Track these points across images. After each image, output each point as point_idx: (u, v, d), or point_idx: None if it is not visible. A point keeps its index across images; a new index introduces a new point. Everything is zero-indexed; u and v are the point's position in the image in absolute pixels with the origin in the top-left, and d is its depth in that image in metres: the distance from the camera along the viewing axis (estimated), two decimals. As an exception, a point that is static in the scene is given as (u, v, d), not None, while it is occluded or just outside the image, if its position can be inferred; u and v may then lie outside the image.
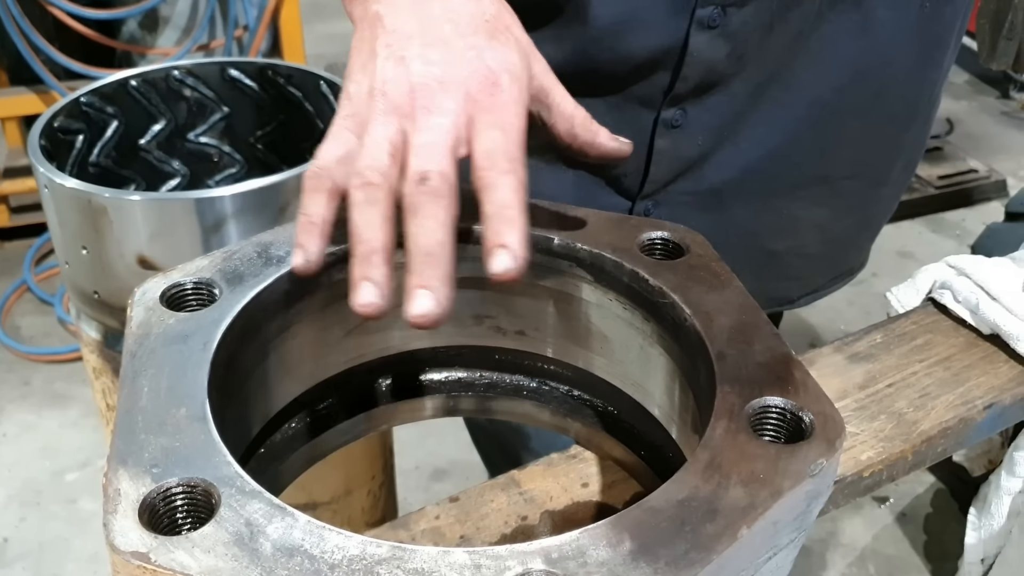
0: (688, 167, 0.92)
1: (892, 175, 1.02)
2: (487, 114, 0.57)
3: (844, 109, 0.92)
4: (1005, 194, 3.49)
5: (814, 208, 0.99)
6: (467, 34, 0.59)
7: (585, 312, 0.69)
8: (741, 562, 0.47)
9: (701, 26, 0.83)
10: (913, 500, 2.25)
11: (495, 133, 0.56)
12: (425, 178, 0.54)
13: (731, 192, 0.94)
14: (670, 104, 0.89)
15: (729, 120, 0.90)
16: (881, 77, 0.91)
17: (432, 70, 0.58)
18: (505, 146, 0.56)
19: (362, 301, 0.54)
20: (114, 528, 0.45)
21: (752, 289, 0.62)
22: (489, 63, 0.58)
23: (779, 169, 0.93)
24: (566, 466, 0.75)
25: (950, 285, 0.88)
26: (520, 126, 0.58)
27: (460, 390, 0.76)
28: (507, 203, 0.54)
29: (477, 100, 0.57)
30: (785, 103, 0.90)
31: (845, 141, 0.95)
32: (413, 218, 0.54)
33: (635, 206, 0.95)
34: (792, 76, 0.88)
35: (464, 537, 0.70)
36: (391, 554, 0.44)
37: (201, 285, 0.61)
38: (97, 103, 1.33)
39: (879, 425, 0.76)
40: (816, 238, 1.03)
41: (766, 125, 0.90)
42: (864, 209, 1.04)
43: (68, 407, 2.51)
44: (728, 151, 0.92)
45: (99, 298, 1.16)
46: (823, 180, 0.97)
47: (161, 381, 0.54)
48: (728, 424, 0.51)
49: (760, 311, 0.60)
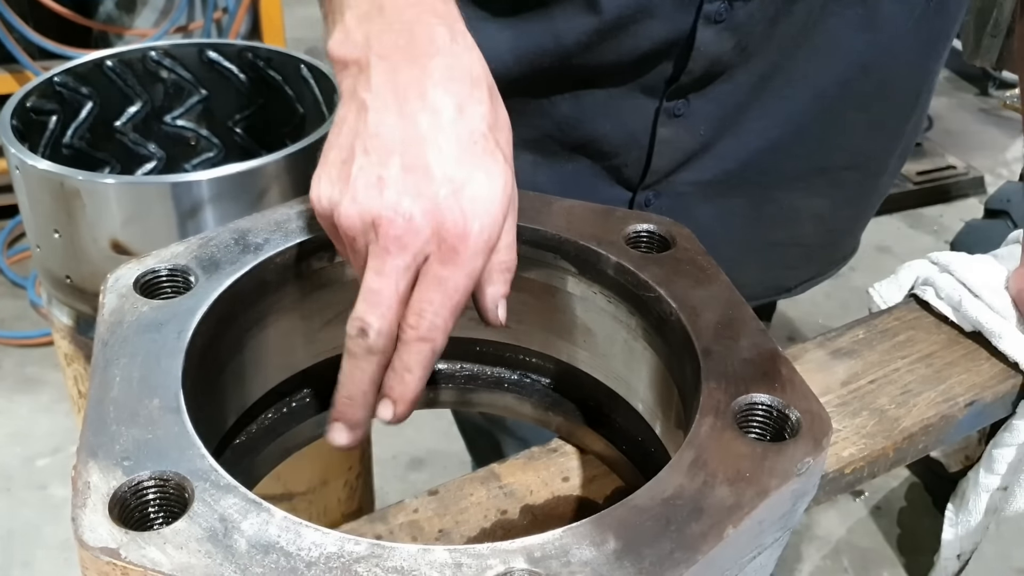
0: (689, 157, 0.92)
1: (890, 165, 1.02)
2: (440, 266, 0.55)
3: (847, 102, 0.91)
4: (983, 191, 3.51)
5: (814, 199, 0.98)
6: (450, 160, 0.55)
7: (569, 305, 0.68)
8: (726, 562, 0.46)
9: (708, 20, 0.82)
10: (888, 494, 2.27)
11: (436, 295, 0.55)
12: (364, 332, 0.55)
13: (732, 183, 0.93)
14: (673, 94, 0.88)
15: (732, 110, 0.89)
16: (885, 70, 0.90)
17: (404, 204, 0.54)
18: (437, 312, 0.55)
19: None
20: (83, 523, 0.43)
21: (751, 279, 0.61)
22: (465, 207, 0.54)
23: (781, 160, 0.93)
24: (547, 460, 0.74)
25: (933, 282, 0.88)
26: (465, 289, 0.55)
27: (440, 382, 0.75)
28: (411, 367, 0.56)
29: (439, 245, 0.55)
30: (788, 95, 0.89)
31: (847, 133, 0.94)
32: (347, 359, 0.57)
33: (636, 197, 0.95)
34: (796, 68, 0.87)
35: (443, 531, 0.69)
36: (370, 552, 0.43)
37: (176, 272, 0.60)
38: (71, 83, 1.30)
39: (861, 422, 0.76)
40: (815, 228, 1.02)
41: (769, 117, 0.90)
42: (861, 198, 1.04)
43: (40, 392, 2.48)
44: (730, 142, 0.91)
45: (71, 283, 1.14)
46: (824, 171, 0.96)
47: (134, 371, 0.52)
48: (714, 421, 0.51)
49: (746, 306, 0.59)
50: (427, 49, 0.56)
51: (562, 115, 0.90)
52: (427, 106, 0.55)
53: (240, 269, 0.60)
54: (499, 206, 0.56)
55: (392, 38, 0.57)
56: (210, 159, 1.47)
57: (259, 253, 0.61)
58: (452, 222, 0.54)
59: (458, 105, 0.56)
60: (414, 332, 0.55)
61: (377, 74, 0.56)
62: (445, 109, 0.55)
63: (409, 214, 0.54)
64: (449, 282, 0.55)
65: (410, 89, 0.56)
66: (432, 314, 0.55)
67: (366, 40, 0.57)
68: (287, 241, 0.63)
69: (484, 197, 0.55)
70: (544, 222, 0.65)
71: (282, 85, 1.39)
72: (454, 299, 0.55)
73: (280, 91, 1.39)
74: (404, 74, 0.56)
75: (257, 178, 1.09)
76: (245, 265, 0.60)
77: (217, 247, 0.62)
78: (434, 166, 0.55)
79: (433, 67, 0.56)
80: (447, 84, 0.56)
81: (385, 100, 0.56)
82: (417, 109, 0.55)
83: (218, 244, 0.62)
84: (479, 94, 0.57)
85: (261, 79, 1.40)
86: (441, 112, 0.55)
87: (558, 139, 0.92)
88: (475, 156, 0.56)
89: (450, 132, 0.55)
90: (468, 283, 0.56)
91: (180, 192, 1.05)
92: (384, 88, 0.56)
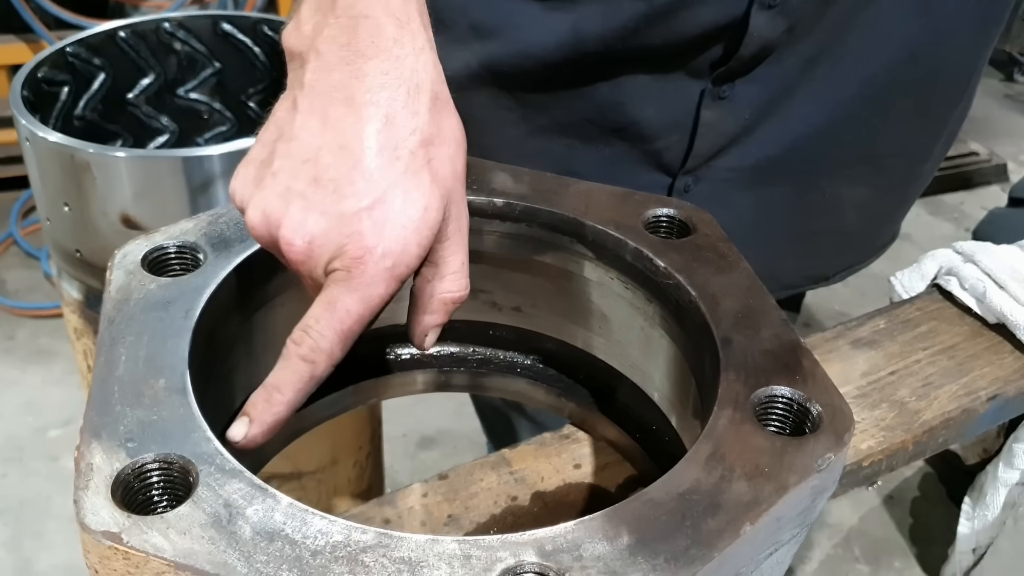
0: (732, 142, 0.89)
1: (934, 152, 0.99)
2: (335, 285, 0.52)
3: (895, 88, 0.88)
4: (1005, 178, 3.46)
5: (857, 187, 0.96)
6: (365, 176, 0.51)
7: (585, 290, 0.66)
8: (742, 559, 0.45)
9: (762, 5, 0.80)
10: (901, 483, 2.25)
11: (324, 314, 0.52)
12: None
13: (775, 169, 0.91)
14: (720, 78, 0.85)
15: (778, 94, 0.87)
16: (936, 56, 0.88)
17: (306, 225, 0.51)
18: (323, 333, 0.52)
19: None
20: (85, 505, 0.42)
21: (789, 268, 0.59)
22: (368, 228, 0.50)
23: (825, 147, 0.90)
24: (558, 446, 0.73)
25: (957, 272, 0.86)
26: (359, 316, 0.52)
27: (452, 365, 0.74)
28: (281, 386, 0.53)
29: (340, 265, 0.52)
30: (835, 80, 0.86)
31: (893, 120, 0.92)
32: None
33: (675, 182, 0.92)
34: (844, 52, 0.85)
35: (452, 516, 0.68)
36: (377, 541, 0.42)
37: (185, 249, 0.59)
38: (83, 54, 1.29)
39: (880, 414, 0.75)
40: (857, 216, 1.00)
41: (815, 102, 0.87)
42: (904, 185, 1.01)
43: (52, 363, 2.49)
44: (774, 127, 0.89)
45: (81, 257, 1.13)
46: (868, 159, 0.94)
47: (140, 350, 0.51)
48: (732, 414, 0.49)
49: (768, 295, 0.57)
50: (366, 49, 0.52)
51: (603, 99, 0.88)
52: (352, 113, 0.51)
53: (250, 247, 0.59)
54: (411, 231, 0.51)
55: (334, 33, 0.52)
56: (223, 133, 1.46)
57: (269, 231, 0.60)
58: (353, 244, 0.51)
59: (387, 116, 0.51)
60: (296, 348, 0.52)
61: (312, 71, 0.53)
62: (371, 119, 0.51)
63: (309, 236, 0.51)
64: (339, 304, 0.51)
65: (338, 92, 0.51)
66: (317, 334, 0.52)
67: (313, 32, 0.53)
68: (298, 219, 0.61)
69: (394, 220, 0.51)
70: (561, 205, 0.64)
71: (297, 60, 1.37)
72: (344, 324, 0.52)
73: (295, 66, 1.37)
74: (336, 75, 0.52)
75: (270, 154, 1.07)
76: (255, 243, 0.59)
77: (227, 224, 0.61)
78: (346, 181, 0.51)
79: (368, 70, 0.51)
80: (378, 91, 0.51)
81: (313, 102, 0.52)
82: (342, 115, 0.51)
83: (228, 221, 0.61)
84: (415, 105, 0.52)
85: (275, 53, 1.38)
86: (366, 121, 0.51)
87: (597, 123, 0.89)
88: (395, 173, 0.51)
89: (371, 144, 0.51)
90: (362, 310, 0.52)
91: (191, 167, 1.03)
92: (315, 88, 0.52)
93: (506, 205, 0.64)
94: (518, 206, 0.64)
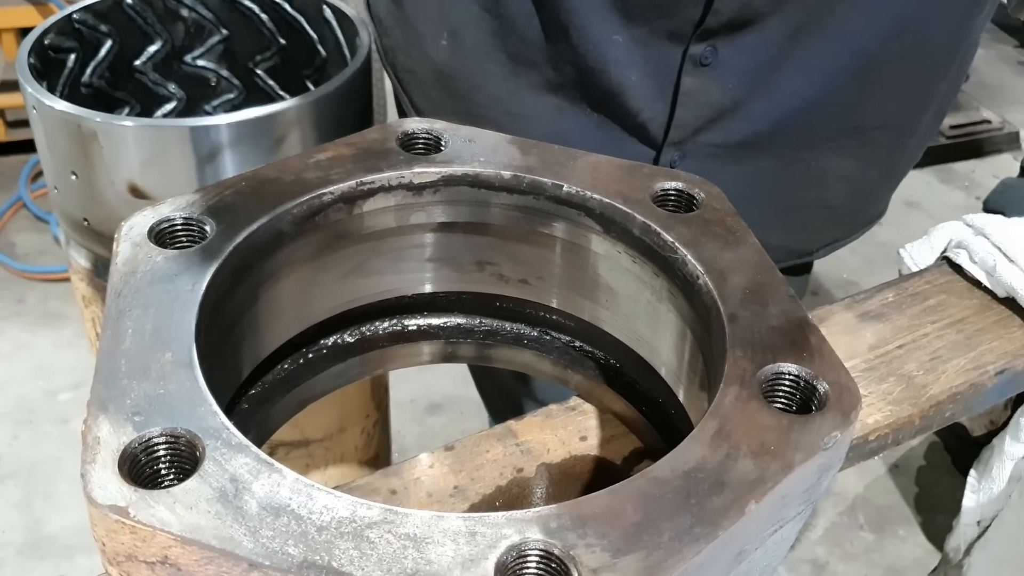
0: (718, 115, 0.88)
1: (921, 125, 0.99)
2: None
3: (884, 59, 0.87)
4: (1017, 147, 3.43)
5: (843, 159, 0.95)
6: None
7: (592, 263, 0.66)
8: (747, 536, 0.45)
9: None
10: (907, 452, 2.26)
11: None
12: None
13: (762, 145, 0.90)
14: (699, 39, 0.84)
15: (764, 66, 0.86)
16: (926, 25, 0.87)
17: None
18: None
19: None
20: (92, 479, 0.43)
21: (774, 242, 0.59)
22: None
23: (813, 120, 0.90)
24: (564, 418, 0.73)
25: (967, 245, 0.86)
26: None
27: (459, 336, 0.74)
28: None
29: None
30: (824, 51, 0.85)
31: (880, 91, 0.91)
32: None
33: (660, 156, 0.92)
34: (833, 22, 0.84)
35: (458, 488, 0.69)
36: (382, 517, 0.42)
37: (192, 221, 0.58)
38: (90, 21, 1.28)
39: (888, 387, 0.74)
40: (842, 189, 1.00)
41: (804, 74, 0.86)
42: (890, 159, 1.01)
43: (62, 326, 2.50)
44: (762, 102, 0.88)
45: (89, 226, 1.13)
46: (855, 131, 0.93)
47: (146, 323, 0.51)
48: (739, 391, 0.49)
49: (776, 271, 0.57)
50: None
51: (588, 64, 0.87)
52: None
53: (257, 219, 0.58)
54: None
55: None
56: (230, 100, 1.45)
57: (276, 203, 0.60)
58: None
59: None
60: None
61: None
62: None
63: None
64: None
65: None
66: None
67: None
68: (305, 192, 0.61)
69: None
70: (568, 177, 0.63)
71: (304, 27, 1.36)
72: None
73: (302, 33, 1.36)
74: None
75: (277, 123, 1.07)
76: (262, 215, 0.59)
77: (234, 196, 0.60)
78: None
79: None
80: None
81: None
82: None
83: (235, 193, 0.60)
84: None
85: (283, 20, 1.37)
86: None
87: (583, 88, 0.89)
88: None
89: None
90: None
91: (199, 136, 1.03)
92: None
93: (514, 177, 0.64)
94: (525, 179, 0.64)
